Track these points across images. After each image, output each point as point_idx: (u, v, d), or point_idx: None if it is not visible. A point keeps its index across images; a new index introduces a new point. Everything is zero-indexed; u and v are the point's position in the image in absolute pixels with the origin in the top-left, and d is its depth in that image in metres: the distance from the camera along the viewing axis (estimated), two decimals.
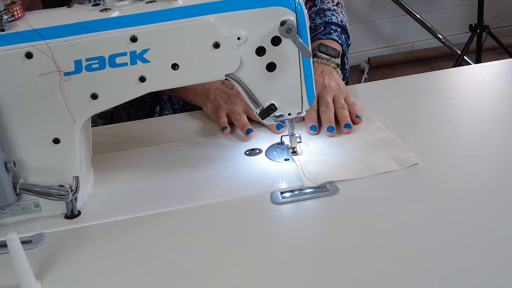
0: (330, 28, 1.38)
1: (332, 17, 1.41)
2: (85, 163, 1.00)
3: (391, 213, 0.88)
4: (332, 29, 1.38)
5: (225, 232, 0.89)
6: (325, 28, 1.39)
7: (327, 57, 1.29)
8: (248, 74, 0.95)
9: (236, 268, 0.81)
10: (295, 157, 1.05)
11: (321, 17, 1.41)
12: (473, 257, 0.77)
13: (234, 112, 1.19)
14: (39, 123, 0.91)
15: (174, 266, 0.82)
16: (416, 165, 0.99)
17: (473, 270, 0.75)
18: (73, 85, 0.89)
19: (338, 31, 1.38)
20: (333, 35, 1.36)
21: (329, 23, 1.40)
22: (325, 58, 1.29)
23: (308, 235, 0.86)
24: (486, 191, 0.91)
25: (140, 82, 0.91)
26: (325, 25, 1.39)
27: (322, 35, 1.37)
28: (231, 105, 1.21)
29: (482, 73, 1.34)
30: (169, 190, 1.02)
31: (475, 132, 1.08)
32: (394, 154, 1.02)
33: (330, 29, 1.38)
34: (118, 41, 0.88)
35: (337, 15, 1.42)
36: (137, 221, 0.94)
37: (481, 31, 3.31)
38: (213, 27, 0.89)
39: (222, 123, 1.18)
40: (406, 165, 0.99)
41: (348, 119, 1.13)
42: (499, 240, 0.79)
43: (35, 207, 0.96)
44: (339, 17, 1.42)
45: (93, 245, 0.90)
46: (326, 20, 1.40)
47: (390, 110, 1.21)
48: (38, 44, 0.86)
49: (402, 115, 1.18)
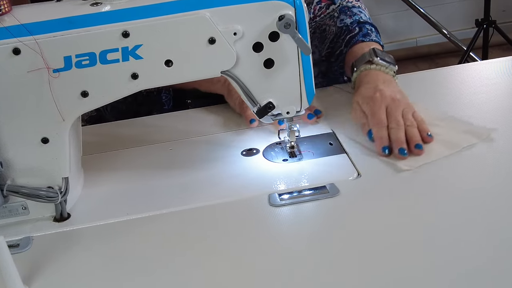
0: (366, 29, 1.29)
1: (360, 15, 1.33)
2: (75, 163, 1.01)
3: (394, 215, 0.88)
4: (368, 30, 1.29)
5: (220, 236, 0.89)
6: (360, 28, 1.30)
7: (386, 64, 1.18)
8: (244, 71, 0.95)
9: (232, 273, 0.81)
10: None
11: (350, 15, 1.33)
12: (482, 260, 0.77)
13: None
14: (27, 122, 0.91)
15: (167, 271, 0.83)
16: (421, 166, 0.99)
17: (483, 273, 0.75)
18: (62, 83, 0.89)
19: (374, 31, 1.30)
20: (372, 36, 1.28)
21: (361, 22, 1.31)
22: (384, 66, 1.17)
23: (307, 238, 0.86)
24: (494, 191, 0.91)
25: (133, 79, 0.91)
26: (359, 25, 1.31)
27: (362, 37, 1.28)
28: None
29: (489, 70, 1.35)
30: (162, 192, 1.02)
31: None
32: (464, 129, 1.07)
33: (367, 30, 1.29)
34: (110, 36, 0.88)
35: (364, 12, 1.35)
36: (129, 224, 0.94)
37: (487, 26, 3.31)
38: (209, 22, 0.89)
39: (249, 115, 1.17)
40: (483, 137, 1.04)
41: (418, 138, 1.04)
42: (509, 241, 0.80)
43: (23, 210, 0.97)
44: (366, 14, 1.35)
45: (83, 249, 0.90)
46: (357, 19, 1.32)
47: None
48: (26, 40, 0.86)
49: None
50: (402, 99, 1.10)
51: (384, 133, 1.05)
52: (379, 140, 1.04)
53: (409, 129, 1.05)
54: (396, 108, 1.08)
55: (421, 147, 1.02)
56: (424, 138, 1.05)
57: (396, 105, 1.08)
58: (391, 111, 1.07)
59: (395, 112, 1.07)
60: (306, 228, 0.90)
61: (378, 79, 1.14)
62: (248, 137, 1.16)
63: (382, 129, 1.05)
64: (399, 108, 1.08)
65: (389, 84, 1.13)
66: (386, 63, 1.17)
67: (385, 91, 1.10)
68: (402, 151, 1.02)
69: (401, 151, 1.02)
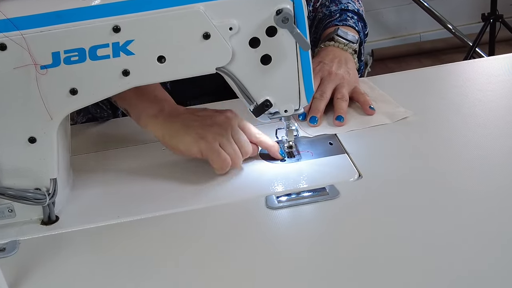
0: (346, 15, 1.39)
1: (348, 4, 1.43)
2: (64, 164, 1.01)
3: (396, 219, 0.89)
4: (348, 16, 1.39)
5: (216, 239, 0.89)
6: (341, 15, 1.40)
7: (345, 42, 1.30)
8: (241, 68, 0.95)
9: (228, 279, 0.81)
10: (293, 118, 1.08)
11: (337, 4, 1.43)
12: (484, 262, 0.77)
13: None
14: (13, 120, 0.91)
15: (159, 276, 0.83)
16: (423, 167, 0.99)
17: (483, 274, 0.75)
18: (50, 79, 0.89)
19: (355, 18, 1.40)
20: (349, 22, 1.37)
21: (345, 10, 1.41)
22: (343, 43, 1.30)
23: (306, 242, 0.87)
24: (500, 193, 0.91)
25: (124, 76, 0.91)
26: (341, 12, 1.41)
27: (338, 21, 1.38)
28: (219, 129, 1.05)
29: (496, 67, 1.35)
30: (155, 194, 1.02)
31: (488, 130, 1.08)
32: (386, 110, 1.18)
33: (347, 16, 1.39)
34: (100, 31, 0.88)
35: (353, 3, 1.44)
36: (120, 228, 0.94)
37: (494, 21, 3.32)
38: (203, 16, 0.90)
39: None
40: (397, 119, 1.14)
41: (342, 111, 1.16)
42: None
43: (9, 212, 0.97)
44: (355, 5, 1.44)
45: (72, 253, 0.90)
46: (342, 7, 1.42)
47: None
48: (12, 35, 0.86)
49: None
50: (343, 74, 1.22)
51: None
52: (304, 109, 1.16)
53: (337, 102, 1.18)
54: (329, 81, 1.20)
55: (341, 120, 1.15)
56: (366, 111, 1.18)
57: (331, 78, 1.21)
58: (322, 83, 1.20)
59: (325, 85, 1.20)
60: (305, 232, 0.90)
61: (329, 54, 1.27)
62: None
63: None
64: (333, 82, 1.20)
65: (340, 61, 1.25)
66: (345, 41, 1.30)
67: (325, 65, 1.23)
68: (312, 119, 1.16)
69: (312, 119, 1.16)
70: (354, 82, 1.23)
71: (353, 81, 1.22)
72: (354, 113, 1.20)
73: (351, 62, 1.28)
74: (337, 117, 1.15)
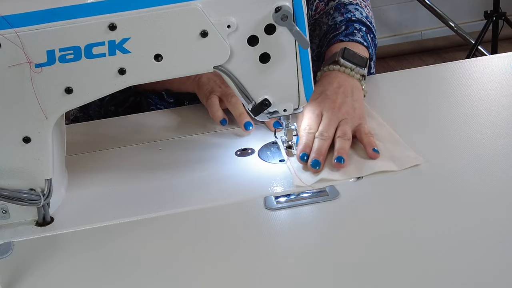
0: (353, 28, 1.27)
1: (355, 12, 1.31)
2: (59, 164, 1.01)
3: (397, 219, 0.89)
4: (355, 29, 1.27)
5: (213, 241, 0.89)
6: (347, 27, 1.27)
7: (352, 66, 1.17)
8: (239, 66, 0.95)
9: (225, 281, 0.81)
10: (289, 158, 1.05)
11: (342, 13, 1.31)
12: (485, 264, 0.78)
13: (228, 95, 1.17)
14: (7, 120, 0.91)
15: (156, 278, 0.83)
16: (425, 168, 0.99)
17: (484, 274, 0.76)
18: (45, 78, 0.89)
19: (363, 30, 1.28)
20: (357, 36, 1.25)
21: (351, 20, 1.29)
22: (349, 67, 1.17)
23: (305, 243, 0.87)
24: (503, 194, 0.92)
25: (120, 74, 0.91)
26: (347, 24, 1.28)
27: (344, 36, 1.25)
28: (225, 88, 1.19)
29: (498, 65, 1.35)
30: (152, 194, 1.02)
31: (491, 130, 1.09)
32: (394, 154, 1.03)
33: (354, 29, 1.27)
34: (95, 29, 0.88)
35: (361, 9, 1.32)
36: (116, 229, 0.94)
37: (497, 19, 3.32)
38: (201, 14, 0.90)
39: (217, 117, 1.18)
40: (405, 166, 1.00)
41: (343, 151, 1.02)
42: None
43: (3, 213, 0.97)
44: (364, 12, 1.32)
45: (67, 255, 0.90)
46: (348, 17, 1.30)
47: (396, 106, 1.22)
48: (6, 33, 0.86)
49: (409, 112, 1.19)
50: (347, 109, 1.09)
51: (309, 140, 1.04)
52: (301, 146, 1.04)
53: (337, 140, 1.04)
54: (330, 118, 1.07)
55: (341, 161, 1.01)
56: (368, 153, 1.03)
57: (332, 113, 1.08)
58: (323, 120, 1.07)
59: (327, 122, 1.06)
60: (304, 233, 0.90)
61: (332, 83, 1.14)
62: (242, 136, 1.16)
63: (308, 135, 1.05)
64: (335, 118, 1.07)
65: (345, 92, 1.12)
66: (351, 65, 1.17)
67: (327, 96, 1.10)
68: (314, 163, 1.01)
69: (314, 163, 1.01)
70: (359, 118, 1.09)
71: (357, 117, 1.09)
72: (356, 156, 1.05)
73: (358, 91, 1.15)
74: (337, 158, 1.01)
